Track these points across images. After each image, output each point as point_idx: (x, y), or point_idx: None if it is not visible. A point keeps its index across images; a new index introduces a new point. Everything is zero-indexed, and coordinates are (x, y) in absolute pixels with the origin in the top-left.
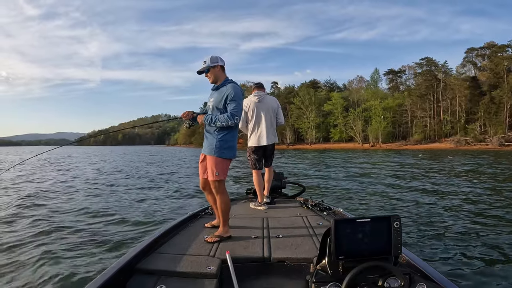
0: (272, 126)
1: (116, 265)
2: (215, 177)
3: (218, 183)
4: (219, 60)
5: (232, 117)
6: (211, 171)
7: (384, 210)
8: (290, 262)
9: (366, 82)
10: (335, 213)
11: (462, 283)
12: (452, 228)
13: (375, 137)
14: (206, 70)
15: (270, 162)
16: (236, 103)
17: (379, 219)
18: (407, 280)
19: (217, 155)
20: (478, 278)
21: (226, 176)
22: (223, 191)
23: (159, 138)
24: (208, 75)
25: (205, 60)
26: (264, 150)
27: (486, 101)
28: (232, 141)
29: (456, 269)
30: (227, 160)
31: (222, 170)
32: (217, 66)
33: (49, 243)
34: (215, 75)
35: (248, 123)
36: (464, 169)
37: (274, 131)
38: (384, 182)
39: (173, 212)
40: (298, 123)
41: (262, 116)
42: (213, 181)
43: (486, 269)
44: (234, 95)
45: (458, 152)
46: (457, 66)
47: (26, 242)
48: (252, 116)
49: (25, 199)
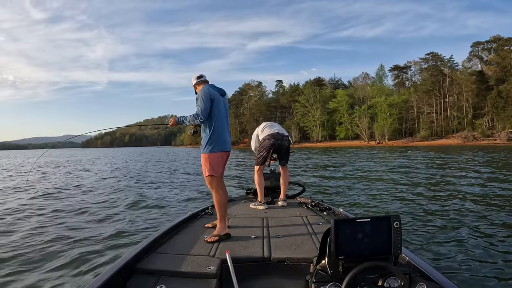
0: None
1: (116, 265)
2: (205, 173)
3: (210, 179)
4: (196, 78)
5: (195, 116)
6: (203, 168)
7: (384, 210)
8: (290, 262)
9: (372, 79)
10: (335, 213)
11: (462, 283)
12: (452, 228)
13: (381, 134)
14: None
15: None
16: (198, 102)
17: (379, 219)
18: (407, 280)
19: (204, 151)
20: (478, 278)
21: (218, 173)
22: (216, 187)
23: (165, 139)
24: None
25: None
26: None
27: (493, 96)
28: (215, 136)
29: (456, 269)
30: (215, 155)
31: (212, 166)
32: (196, 83)
33: (49, 243)
34: (197, 90)
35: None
36: (470, 166)
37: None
38: (384, 182)
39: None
40: (304, 121)
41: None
42: (205, 178)
43: (486, 269)
44: (197, 96)
45: (467, 147)
46: (463, 61)
47: (26, 242)
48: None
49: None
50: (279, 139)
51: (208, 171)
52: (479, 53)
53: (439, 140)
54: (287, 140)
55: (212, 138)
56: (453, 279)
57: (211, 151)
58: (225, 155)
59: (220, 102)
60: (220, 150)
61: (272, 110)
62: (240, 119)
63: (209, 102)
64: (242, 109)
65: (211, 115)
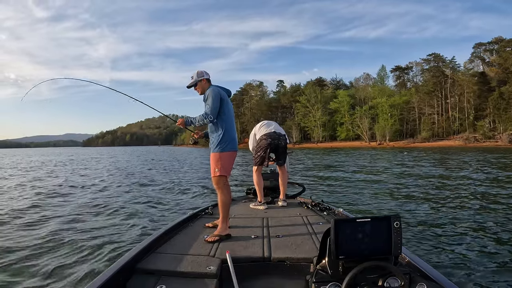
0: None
1: (116, 265)
2: (215, 173)
3: (218, 179)
4: (204, 74)
5: (205, 115)
6: (211, 168)
7: (385, 210)
8: (290, 262)
9: (373, 80)
10: (335, 213)
11: (462, 283)
12: (452, 228)
13: (382, 135)
14: (195, 84)
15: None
16: (208, 101)
17: (379, 219)
18: (407, 280)
19: (216, 150)
20: (478, 278)
21: (228, 172)
22: (223, 187)
23: (166, 138)
24: (196, 89)
25: (193, 76)
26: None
27: (495, 97)
28: (227, 136)
29: (456, 269)
30: (227, 154)
31: (223, 166)
32: (203, 79)
33: (49, 242)
34: (202, 88)
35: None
36: (467, 167)
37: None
38: (384, 182)
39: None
40: (304, 121)
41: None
42: (213, 177)
43: (487, 269)
44: (207, 96)
45: (469, 149)
46: (465, 62)
47: (26, 241)
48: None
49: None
50: (276, 139)
51: (219, 171)
52: (481, 54)
53: (440, 141)
54: (284, 140)
55: (225, 137)
56: (453, 279)
57: (224, 150)
58: (235, 154)
59: (228, 103)
60: (231, 149)
61: (273, 110)
62: (241, 119)
63: (218, 102)
64: (243, 109)
65: (222, 115)
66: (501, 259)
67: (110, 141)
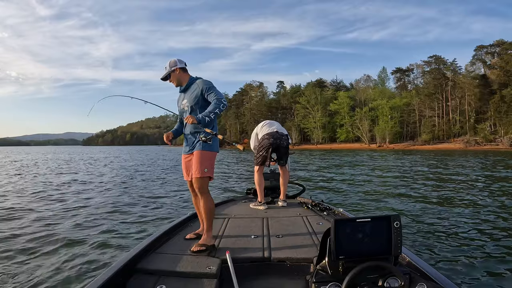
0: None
1: (116, 265)
2: (204, 174)
3: (206, 181)
4: (177, 63)
5: (221, 101)
6: (199, 167)
7: (385, 210)
8: (290, 262)
9: (374, 81)
10: (335, 213)
11: (462, 283)
12: (453, 228)
13: (382, 137)
14: (169, 76)
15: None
16: (215, 90)
17: (379, 219)
18: (407, 280)
19: (209, 149)
20: (478, 278)
21: (213, 174)
22: (207, 191)
23: None
24: (171, 80)
25: (166, 66)
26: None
27: (496, 100)
28: (216, 134)
29: (456, 269)
30: (215, 155)
31: (212, 166)
32: (176, 69)
33: (50, 242)
34: (177, 79)
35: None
36: (468, 169)
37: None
38: (385, 182)
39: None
40: (304, 123)
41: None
42: (200, 178)
43: (487, 269)
44: (209, 85)
45: (469, 152)
46: (466, 64)
47: (26, 241)
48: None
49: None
50: (278, 138)
51: (208, 171)
52: (482, 57)
53: (440, 144)
54: (286, 140)
55: (215, 136)
56: (453, 279)
57: (215, 150)
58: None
59: None
60: (218, 150)
61: (273, 111)
62: (241, 119)
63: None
64: (243, 109)
65: None
66: (501, 259)
67: (110, 140)
